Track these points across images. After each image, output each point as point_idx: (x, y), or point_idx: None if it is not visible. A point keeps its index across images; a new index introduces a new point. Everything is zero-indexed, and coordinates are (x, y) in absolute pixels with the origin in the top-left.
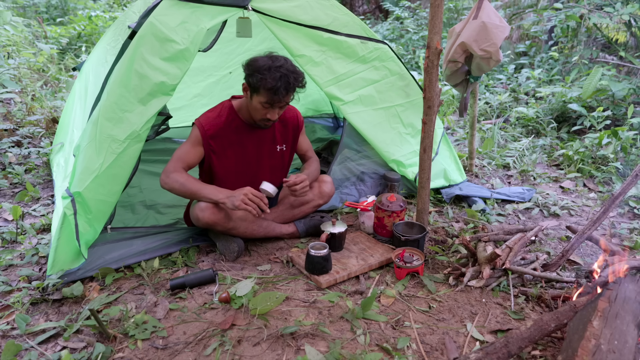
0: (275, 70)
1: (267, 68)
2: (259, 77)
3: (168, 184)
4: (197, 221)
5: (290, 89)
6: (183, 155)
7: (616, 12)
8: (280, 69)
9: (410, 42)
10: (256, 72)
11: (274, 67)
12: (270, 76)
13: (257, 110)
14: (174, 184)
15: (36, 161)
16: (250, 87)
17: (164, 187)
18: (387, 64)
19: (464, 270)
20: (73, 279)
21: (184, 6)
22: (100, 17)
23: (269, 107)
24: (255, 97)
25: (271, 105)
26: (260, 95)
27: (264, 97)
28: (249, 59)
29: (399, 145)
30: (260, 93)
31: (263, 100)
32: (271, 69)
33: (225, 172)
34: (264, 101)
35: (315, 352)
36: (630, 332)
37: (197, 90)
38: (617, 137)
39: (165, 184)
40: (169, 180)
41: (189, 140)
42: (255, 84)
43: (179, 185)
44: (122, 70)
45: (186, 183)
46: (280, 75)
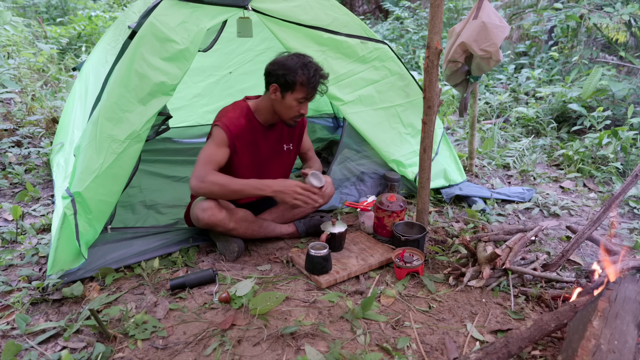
0: (309, 65)
1: (300, 65)
2: (295, 74)
3: (205, 188)
4: (197, 222)
5: (322, 82)
6: (211, 157)
7: (616, 12)
8: (312, 64)
9: (410, 42)
10: (290, 70)
11: (306, 64)
12: (306, 72)
13: (290, 108)
14: (213, 187)
15: (36, 161)
16: (282, 87)
17: (199, 192)
18: (387, 64)
19: (464, 270)
20: (73, 279)
21: (184, 6)
22: (100, 17)
23: (304, 102)
24: (290, 95)
25: (307, 99)
26: (297, 91)
27: (301, 92)
28: (274, 62)
29: (399, 145)
30: (297, 90)
31: (300, 96)
32: (305, 66)
33: (237, 171)
34: (301, 97)
35: (315, 352)
36: (630, 332)
37: (197, 90)
38: (617, 137)
39: (201, 189)
40: (206, 184)
41: (212, 142)
42: (290, 82)
43: (219, 187)
44: (122, 70)
45: (227, 183)
46: (315, 69)
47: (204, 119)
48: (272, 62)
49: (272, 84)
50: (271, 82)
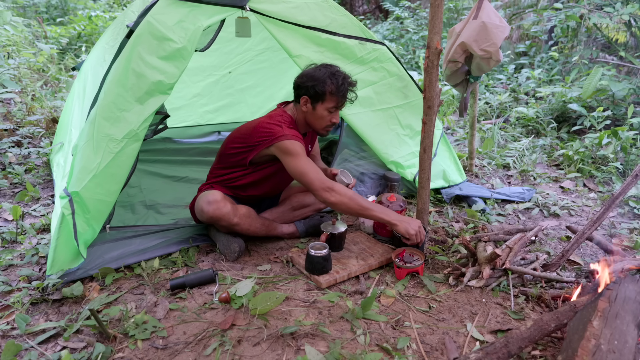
0: (337, 75)
1: (329, 75)
2: (324, 84)
3: (337, 198)
4: (201, 214)
5: (351, 90)
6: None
7: (616, 12)
8: (339, 73)
9: (410, 42)
10: (319, 81)
11: (334, 73)
12: (335, 81)
13: (322, 118)
14: (343, 199)
15: (36, 161)
16: (312, 98)
17: (329, 200)
18: (386, 65)
19: (464, 270)
20: (73, 279)
21: (181, 5)
22: (100, 17)
23: (335, 111)
24: (321, 105)
25: (337, 108)
26: (327, 101)
27: (332, 102)
28: (302, 74)
29: (397, 146)
30: (327, 100)
31: (331, 105)
32: (333, 75)
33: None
34: (332, 106)
35: (315, 352)
36: (630, 332)
37: (196, 90)
38: (617, 137)
39: (333, 197)
40: (337, 195)
41: (301, 158)
42: (320, 92)
43: (348, 199)
44: (119, 70)
45: (354, 197)
46: (343, 78)
47: (204, 119)
48: (300, 75)
49: (302, 96)
50: (301, 95)
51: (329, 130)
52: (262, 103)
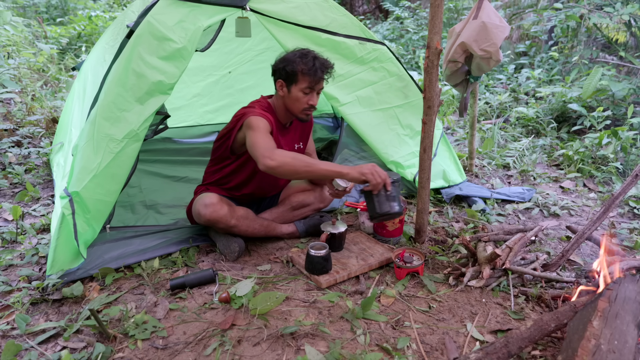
0: (307, 54)
1: (299, 55)
2: (295, 63)
3: (277, 160)
4: (199, 218)
5: (324, 69)
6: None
7: (616, 12)
8: (311, 53)
9: (410, 42)
10: (289, 62)
11: (305, 53)
12: (305, 60)
13: (298, 100)
14: (284, 158)
15: (36, 161)
16: (286, 80)
17: (270, 164)
18: (386, 64)
19: (464, 270)
20: (73, 279)
21: (182, 5)
22: (100, 17)
23: (309, 92)
24: (294, 86)
25: (312, 89)
26: (300, 81)
27: (304, 82)
28: (277, 59)
29: (397, 146)
30: (299, 80)
31: (304, 85)
32: (304, 55)
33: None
34: (305, 86)
35: (315, 352)
36: (630, 332)
37: (196, 90)
38: (617, 137)
39: (273, 160)
40: (277, 156)
41: (259, 131)
42: (292, 72)
43: (291, 158)
44: (119, 70)
45: (298, 156)
46: (314, 57)
47: (204, 119)
48: (275, 60)
49: (277, 80)
50: (277, 79)
51: (307, 114)
52: None
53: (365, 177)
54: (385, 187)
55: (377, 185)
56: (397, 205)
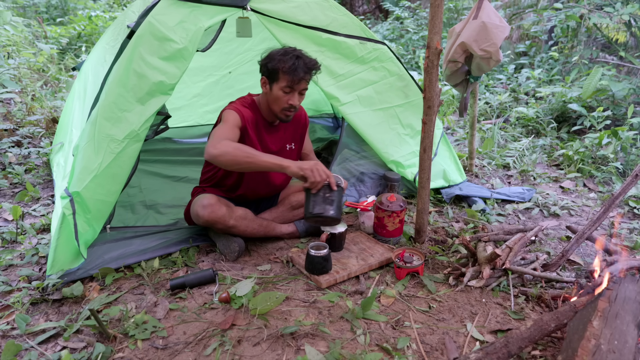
0: (291, 52)
1: (282, 53)
2: (277, 60)
3: (220, 149)
4: (197, 219)
5: (307, 69)
6: (225, 134)
7: (616, 12)
8: (295, 51)
9: (410, 42)
10: (271, 59)
11: (289, 51)
12: (287, 58)
13: (278, 99)
14: (228, 148)
15: (36, 161)
16: (268, 77)
17: (212, 152)
18: (386, 64)
19: (464, 270)
20: (73, 279)
21: (183, 5)
22: (100, 17)
23: (290, 92)
24: (275, 85)
25: (292, 88)
26: (280, 80)
27: (284, 80)
28: (263, 54)
29: (398, 146)
30: (280, 78)
31: (284, 84)
32: (287, 53)
33: None
34: (285, 85)
35: (315, 352)
36: (630, 332)
37: (196, 90)
38: (617, 137)
39: (216, 149)
40: (221, 145)
41: (226, 123)
42: (273, 69)
43: (233, 148)
44: (120, 70)
45: (241, 147)
46: (296, 56)
47: (204, 119)
48: (262, 56)
49: (262, 77)
50: (262, 76)
51: (288, 114)
52: None
53: (304, 173)
54: (329, 187)
55: (315, 184)
56: (332, 209)
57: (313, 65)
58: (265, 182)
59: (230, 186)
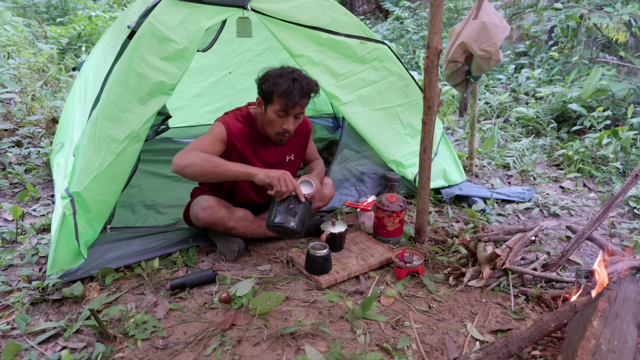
0: (287, 74)
1: (278, 74)
2: (271, 82)
3: (185, 160)
4: (196, 221)
5: (303, 93)
6: (202, 146)
7: (616, 12)
8: (292, 74)
9: (410, 42)
10: (268, 79)
11: (285, 73)
12: (282, 80)
13: (272, 122)
14: (194, 159)
15: (36, 161)
16: (264, 98)
17: (178, 164)
18: (387, 64)
19: (464, 270)
20: (73, 279)
21: (183, 6)
22: (100, 17)
23: (284, 116)
24: (270, 107)
25: (286, 112)
26: (274, 103)
27: (278, 104)
28: (261, 72)
29: (398, 145)
30: (274, 101)
31: (277, 108)
32: (283, 75)
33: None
34: (279, 109)
35: (315, 352)
36: (630, 332)
37: (196, 90)
38: (617, 137)
39: (182, 160)
40: (188, 156)
41: (210, 134)
42: (268, 91)
43: (200, 159)
44: (121, 70)
45: (208, 157)
46: (293, 79)
47: (204, 119)
48: (259, 74)
49: (258, 95)
50: (258, 94)
51: (281, 138)
52: None
53: (270, 181)
54: (297, 199)
55: (279, 193)
56: (294, 221)
57: (310, 89)
58: (257, 191)
59: (226, 192)
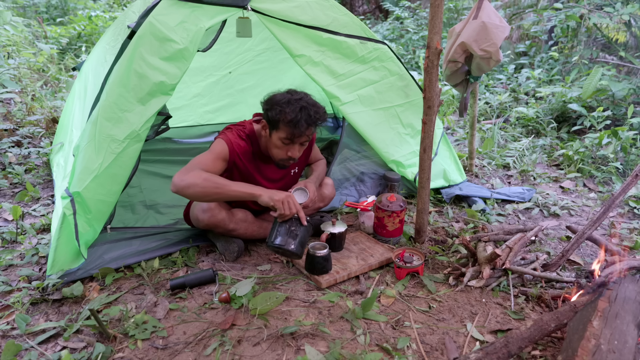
0: (295, 102)
1: (285, 101)
2: (278, 109)
3: (186, 180)
4: (197, 222)
5: (311, 122)
6: (203, 164)
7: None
8: (300, 101)
9: (410, 42)
10: (275, 105)
11: (293, 100)
12: (290, 109)
13: (277, 148)
14: (196, 179)
15: (36, 161)
16: (269, 123)
17: (179, 184)
18: (387, 64)
19: (464, 270)
20: (73, 279)
21: (183, 6)
22: (100, 17)
23: (289, 143)
24: (275, 133)
25: (291, 140)
26: (280, 130)
27: (284, 132)
28: (267, 96)
29: (398, 145)
30: (280, 128)
31: (283, 135)
32: (290, 102)
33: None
34: (284, 137)
35: (315, 352)
36: (630, 332)
37: (196, 90)
38: (617, 137)
39: (182, 181)
40: (189, 176)
41: (211, 152)
42: (274, 118)
43: (202, 179)
44: (121, 70)
45: (210, 177)
46: (300, 108)
47: (204, 119)
48: (266, 96)
49: (263, 119)
50: (263, 118)
51: (285, 164)
52: None
53: (274, 204)
54: (299, 221)
55: (283, 215)
56: (294, 244)
57: (318, 118)
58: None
59: None
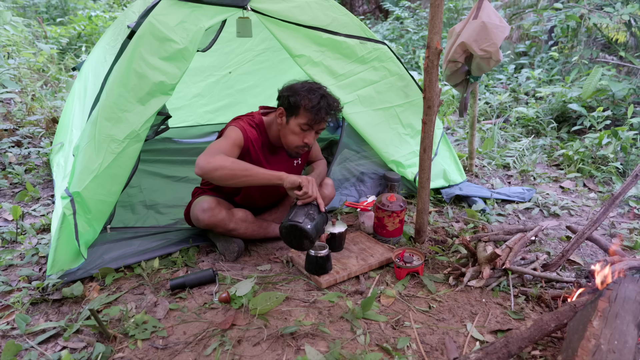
0: (317, 91)
1: (307, 89)
2: (301, 96)
3: (213, 163)
4: (197, 222)
5: (329, 111)
6: (223, 149)
7: (616, 12)
8: (320, 90)
9: (410, 42)
10: (296, 93)
11: (314, 89)
12: (313, 95)
13: (294, 134)
14: (224, 162)
15: (36, 161)
16: (288, 111)
17: (206, 167)
18: (387, 64)
19: (464, 270)
20: (73, 279)
21: (183, 6)
22: (100, 17)
23: (308, 130)
24: (294, 119)
25: (310, 127)
26: (300, 116)
27: (304, 118)
28: (286, 85)
29: (398, 145)
30: (300, 114)
31: (303, 121)
32: (312, 90)
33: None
34: (304, 122)
35: (315, 352)
36: (630, 332)
37: (196, 90)
38: (617, 137)
39: (209, 163)
40: (216, 159)
41: (227, 138)
42: (295, 104)
43: (230, 162)
44: (121, 70)
45: (238, 161)
46: (321, 96)
47: (204, 119)
48: (284, 85)
49: (279, 107)
50: (279, 105)
51: (299, 152)
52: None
53: (301, 182)
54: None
55: (306, 195)
56: (310, 224)
57: (335, 107)
58: (262, 198)
59: (228, 193)
